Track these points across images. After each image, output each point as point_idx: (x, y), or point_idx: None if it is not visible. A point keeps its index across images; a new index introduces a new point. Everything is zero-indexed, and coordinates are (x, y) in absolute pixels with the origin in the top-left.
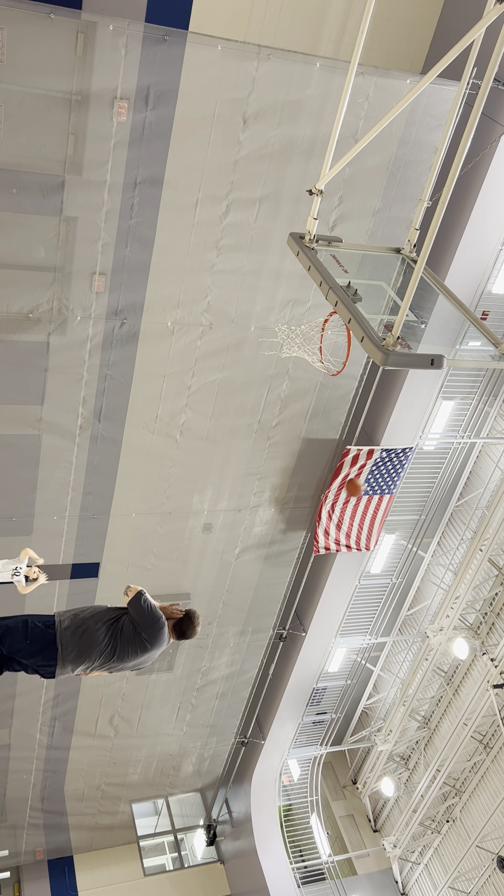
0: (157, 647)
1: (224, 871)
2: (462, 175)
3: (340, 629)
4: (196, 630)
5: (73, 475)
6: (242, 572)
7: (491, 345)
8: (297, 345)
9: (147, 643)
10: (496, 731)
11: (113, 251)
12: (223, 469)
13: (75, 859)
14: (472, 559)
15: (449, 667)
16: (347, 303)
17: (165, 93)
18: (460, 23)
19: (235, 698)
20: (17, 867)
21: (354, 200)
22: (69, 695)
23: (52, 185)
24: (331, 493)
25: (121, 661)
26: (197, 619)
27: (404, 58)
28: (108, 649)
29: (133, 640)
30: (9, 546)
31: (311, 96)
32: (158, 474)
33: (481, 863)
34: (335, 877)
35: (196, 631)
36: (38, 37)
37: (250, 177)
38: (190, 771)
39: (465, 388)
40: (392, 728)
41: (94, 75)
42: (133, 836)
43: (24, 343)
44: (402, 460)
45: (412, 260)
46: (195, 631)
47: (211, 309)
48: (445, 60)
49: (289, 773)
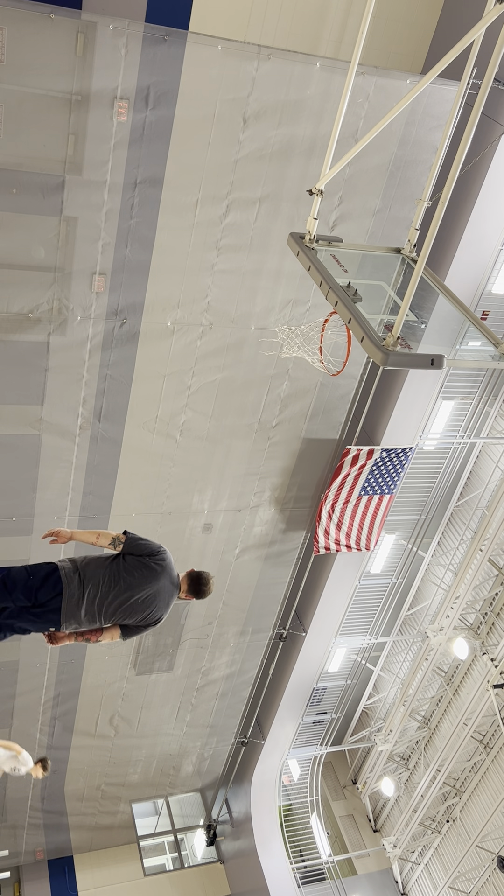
0: (167, 572)
1: (224, 871)
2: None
3: (340, 629)
4: (210, 588)
5: (73, 475)
6: (242, 572)
7: (491, 345)
8: (297, 345)
9: (155, 566)
10: (496, 731)
11: (113, 251)
12: (223, 469)
13: (75, 859)
14: (472, 559)
15: (449, 667)
16: (347, 303)
17: (165, 93)
18: (460, 23)
19: (235, 698)
20: (17, 867)
21: (354, 200)
22: (69, 695)
23: (52, 185)
24: (331, 493)
25: (130, 591)
26: (208, 576)
27: (404, 58)
28: (113, 574)
29: (139, 564)
30: (9, 546)
31: (311, 96)
32: (158, 474)
33: (481, 863)
34: (335, 877)
35: (210, 589)
36: (38, 37)
37: (250, 177)
38: (190, 771)
39: (465, 388)
40: (392, 728)
41: (94, 75)
42: (133, 836)
43: (24, 343)
44: (403, 460)
45: (412, 260)
46: (209, 588)
47: (211, 309)
48: (445, 60)
49: (289, 773)
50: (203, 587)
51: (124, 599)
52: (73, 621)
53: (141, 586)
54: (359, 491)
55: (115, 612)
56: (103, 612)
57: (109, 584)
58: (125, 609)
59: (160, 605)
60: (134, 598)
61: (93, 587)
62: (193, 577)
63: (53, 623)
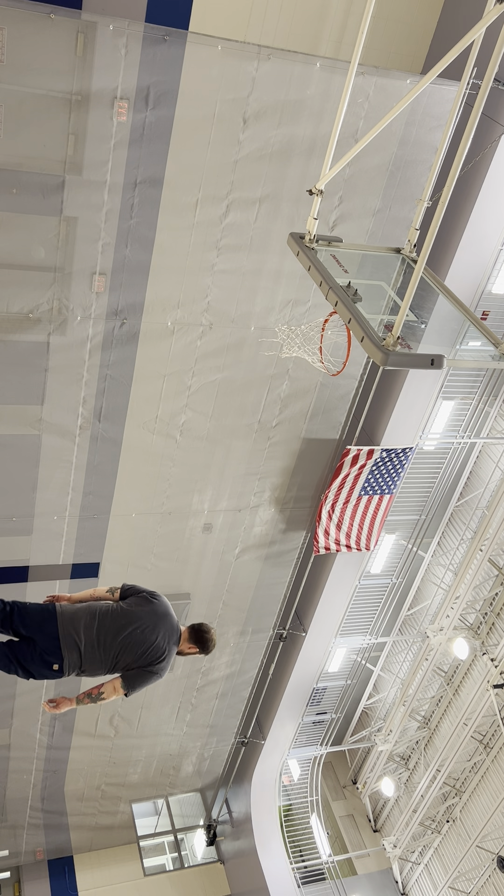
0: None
1: (224, 871)
2: (462, 175)
3: (340, 629)
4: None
5: (73, 475)
6: (242, 572)
7: (491, 345)
8: (297, 345)
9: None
10: (496, 731)
11: (113, 251)
12: (223, 469)
13: (75, 859)
14: (472, 559)
15: (449, 667)
16: (347, 303)
17: (165, 93)
18: (460, 23)
19: (235, 698)
20: (17, 867)
21: (354, 200)
22: (69, 695)
23: (52, 185)
24: (331, 493)
25: (128, 619)
26: (208, 626)
27: (404, 58)
28: (111, 608)
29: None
30: (9, 546)
31: (311, 96)
32: (158, 474)
33: (481, 863)
34: (335, 877)
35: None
36: (38, 37)
37: (250, 177)
38: (190, 771)
39: (465, 388)
40: (392, 728)
41: (94, 75)
42: (133, 836)
43: (24, 343)
44: (403, 460)
45: (412, 260)
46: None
47: (211, 309)
48: (445, 60)
49: (289, 773)
50: (205, 634)
51: (122, 627)
52: (73, 651)
53: (139, 616)
54: (359, 491)
55: (114, 642)
56: (102, 642)
57: (106, 615)
58: (124, 640)
59: (160, 638)
60: (133, 627)
61: (89, 617)
62: (194, 628)
63: (53, 653)
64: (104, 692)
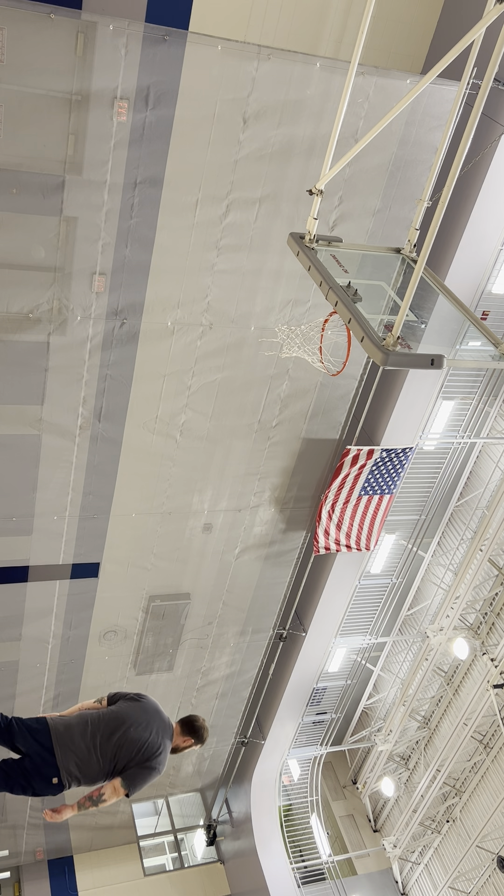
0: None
1: (224, 871)
2: (462, 175)
3: (340, 629)
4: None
5: (73, 475)
6: (242, 572)
7: (491, 345)
8: (297, 345)
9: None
10: (496, 731)
11: (113, 251)
12: (223, 469)
13: (75, 859)
14: (472, 559)
15: (449, 667)
16: (347, 303)
17: (165, 93)
18: (460, 23)
19: (235, 698)
20: (17, 867)
21: (354, 200)
22: (69, 695)
23: (52, 185)
24: (331, 493)
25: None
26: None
27: (404, 58)
28: (101, 713)
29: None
30: (9, 546)
31: (311, 96)
32: (158, 474)
33: (481, 863)
34: (335, 877)
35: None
36: (38, 37)
37: (250, 177)
38: (190, 771)
39: (465, 388)
40: (392, 728)
41: (94, 75)
42: (133, 836)
43: (24, 343)
44: (402, 460)
45: (412, 260)
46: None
47: (211, 309)
48: (445, 60)
49: (289, 773)
50: (196, 723)
51: (116, 728)
52: (70, 761)
53: (130, 716)
54: (359, 491)
55: (109, 743)
56: (98, 746)
57: (98, 720)
58: (119, 740)
59: (154, 734)
60: (126, 726)
61: (82, 725)
62: (185, 721)
63: (50, 766)
64: (105, 794)
